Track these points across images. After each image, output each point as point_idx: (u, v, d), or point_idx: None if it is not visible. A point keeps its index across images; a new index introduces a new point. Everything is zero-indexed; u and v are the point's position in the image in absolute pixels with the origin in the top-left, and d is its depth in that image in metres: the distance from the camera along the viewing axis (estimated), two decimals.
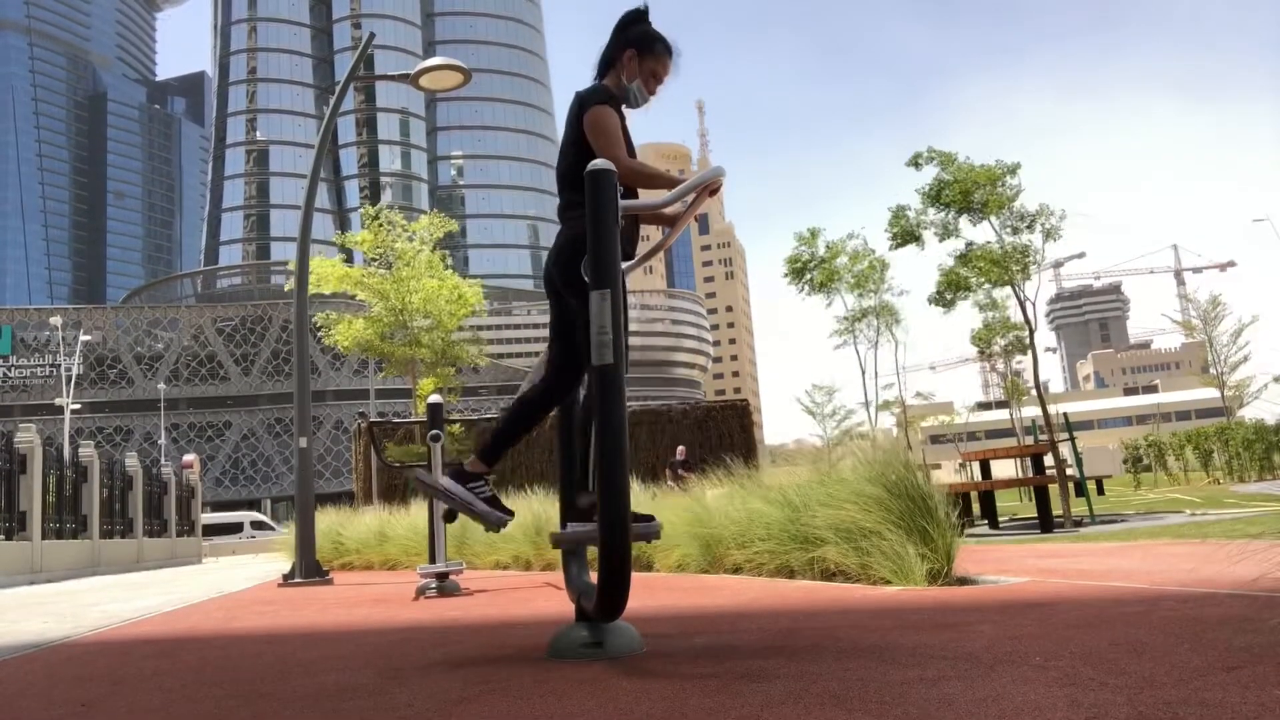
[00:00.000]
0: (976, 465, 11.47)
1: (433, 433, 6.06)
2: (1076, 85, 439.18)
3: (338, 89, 10.51)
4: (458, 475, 2.96)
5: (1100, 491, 14.50)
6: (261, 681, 2.59)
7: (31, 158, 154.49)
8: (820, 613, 3.35)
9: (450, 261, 20.03)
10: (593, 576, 2.66)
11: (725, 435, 18.56)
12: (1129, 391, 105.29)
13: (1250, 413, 36.72)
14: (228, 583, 9.58)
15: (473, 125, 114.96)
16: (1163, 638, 2.24)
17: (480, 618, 4.17)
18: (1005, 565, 4.64)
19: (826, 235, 19.06)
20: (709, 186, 2.84)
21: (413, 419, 15.14)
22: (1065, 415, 11.60)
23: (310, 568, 8.57)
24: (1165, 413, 72.99)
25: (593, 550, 2.81)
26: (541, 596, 5.08)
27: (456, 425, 16.21)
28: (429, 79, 9.99)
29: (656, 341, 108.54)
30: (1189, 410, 74.87)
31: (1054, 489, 9.50)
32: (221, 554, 33.00)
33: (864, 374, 20.27)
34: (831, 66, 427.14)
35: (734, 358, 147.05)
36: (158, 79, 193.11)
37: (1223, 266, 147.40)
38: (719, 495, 5.87)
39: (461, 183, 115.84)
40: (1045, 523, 8.59)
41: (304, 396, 9.39)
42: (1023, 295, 10.62)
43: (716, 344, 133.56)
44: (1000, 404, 63.86)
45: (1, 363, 67.43)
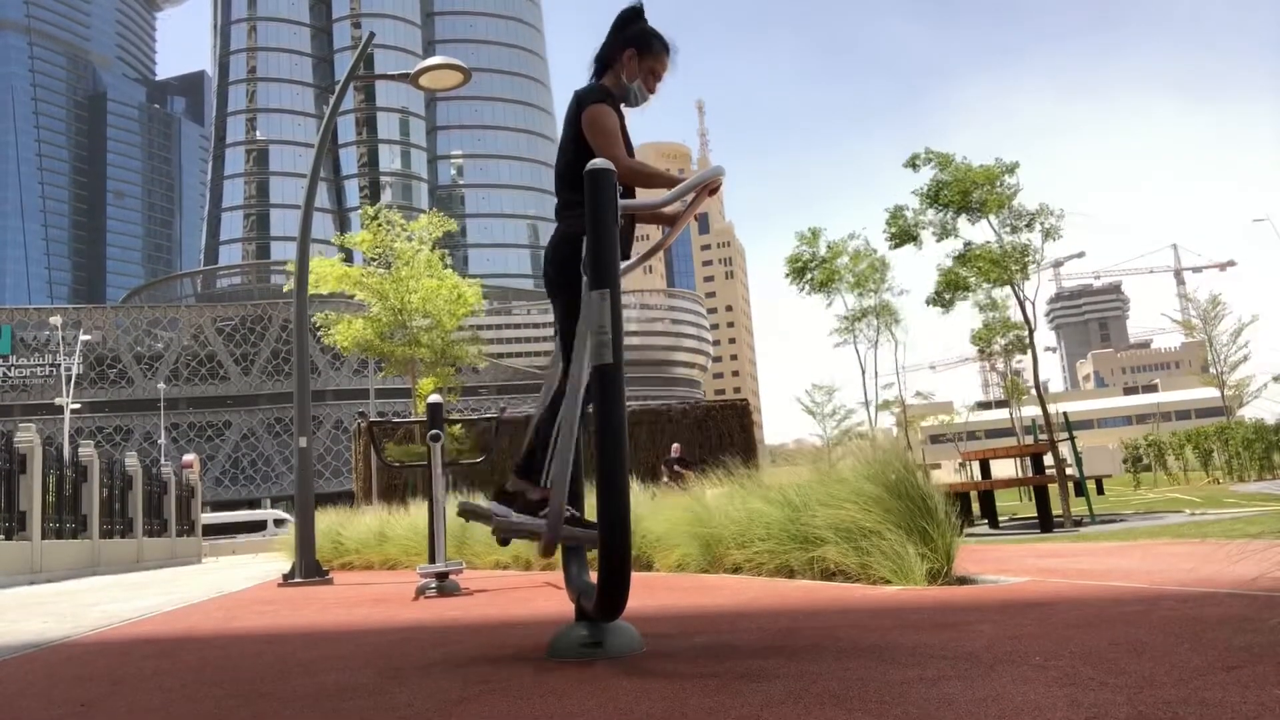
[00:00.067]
0: (976, 465, 11.47)
1: (433, 432, 6.06)
2: (1076, 85, 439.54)
3: (338, 88, 10.52)
4: (525, 505, 2.81)
5: (1100, 491, 14.53)
6: (261, 681, 2.59)
7: (31, 157, 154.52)
8: (820, 612, 3.35)
9: (450, 261, 20.00)
10: (593, 576, 2.66)
11: (725, 435, 18.57)
12: (1129, 391, 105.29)
13: (1250, 412, 36.75)
14: (227, 583, 9.58)
15: (472, 125, 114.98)
16: (1162, 637, 2.24)
17: (480, 618, 4.17)
18: (1005, 565, 4.64)
19: (827, 235, 19.06)
20: (708, 186, 2.83)
21: (413, 419, 15.14)
22: (1065, 415, 11.60)
23: (310, 567, 8.58)
24: (1165, 412, 72.98)
25: (592, 551, 2.81)
26: (541, 596, 5.08)
27: (456, 425, 16.20)
28: (429, 78, 10.00)
29: (656, 341, 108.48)
30: (1189, 410, 74.87)
31: (1054, 489, 9.50)
32: (222, 553, 33.05)
33: (864, 374, 20.24)
34: (831, 66, 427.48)
35: (734, 357, 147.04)
36: (157, 79, 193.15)
37: (1223, 266, 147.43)
38: (719, 495, 5.87)
39: (461, 182, 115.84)
40: (1045, 522, 8.59)
41: (304, 396, 9.40)
42: (1022, 295, 10.63)
43: (716, 344, 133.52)
44: (1000, 404, 63.85)
45: (1, 362, 67.47)
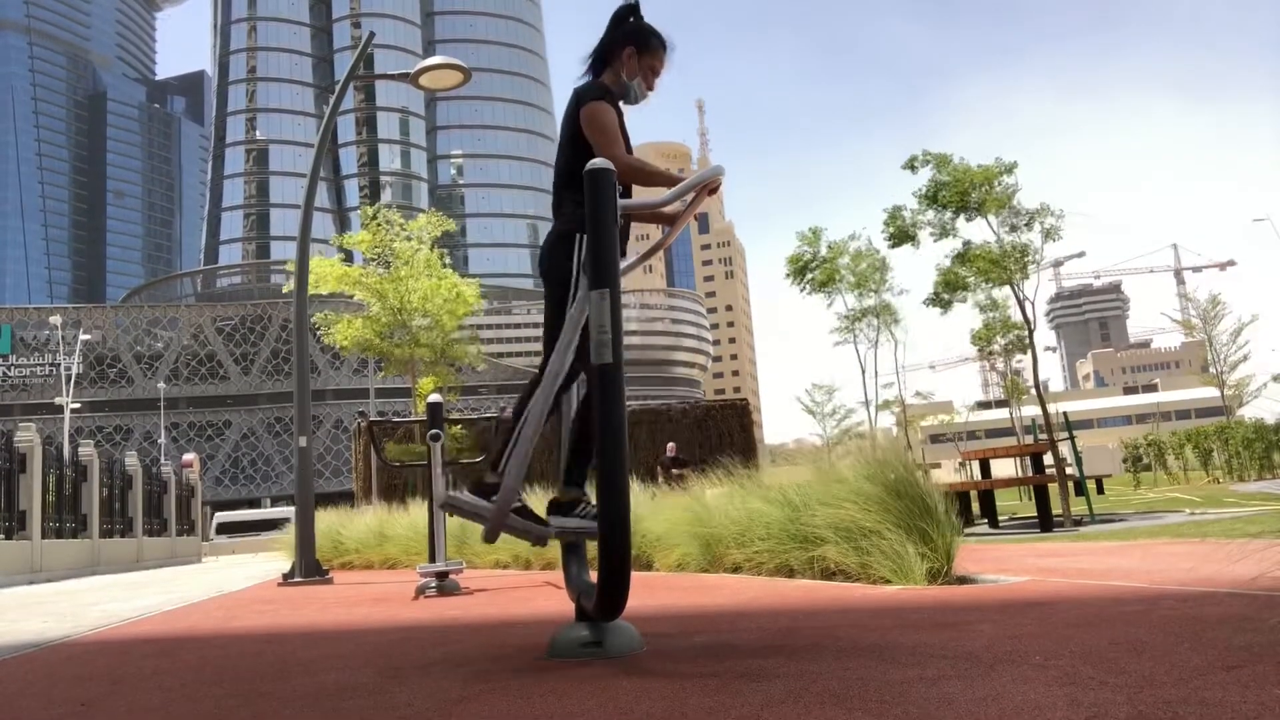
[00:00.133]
0: (976, 464, 11.46)
1: (432, 432, 6.06)
2: (1076, 85, 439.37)
3: (337, 88, 10.52)
4: (482, 490, 2.79)
5: (1100, 491, 14.53)
6: (261, 681, 2.59)
7: (31, 157, 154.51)
8: (820, 612, 3.35)
9: (449, 260, 20.01)
10: (593, 576, 2.66)
11: (725, 435, 18.56)
12: (1129, 391, 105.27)
13: (1250, 412, 36.76)
14: (227, 582, 9.58)
15: (472, 124, 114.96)
16: (1162, 637, 2.24)
17: (480, 617, 4.17)
18: (1005, 564, 4.64)
19: (828, 235, 19.06)
20: (708, 186, 2.83)
21: (413, 418, 15.14)
22: (1065, 414, 11.60)
23: (310, 567, 8.58)
24: (1165, 412, 72.96)
25: (593, 549, 2.81)
26: (541, 596, 5.08)
27: (456, 425, 16.20)
28: (429, 78, 10.00)
29: (656, 341, 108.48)
30: (1189, 409, 74.86)
31: (1054, 488, 9.50)
32: (222, 553, 33.07)
33: (864, 373, 20.24)
34: (831, 66, 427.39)
35: (734, 357, 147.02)
36: (157, 78, 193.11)
37: (1222, 266, 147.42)
38: (719, 495, 5.87)
39: (461, 182, 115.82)
40: (1045, 522, 8.58)
41: (304, 396, 9.40)
42: (1022, 294, 10.63)
43: (716, 343, 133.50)
44: (1000, 403, 63.84)
45: (1, 362, 67.48)
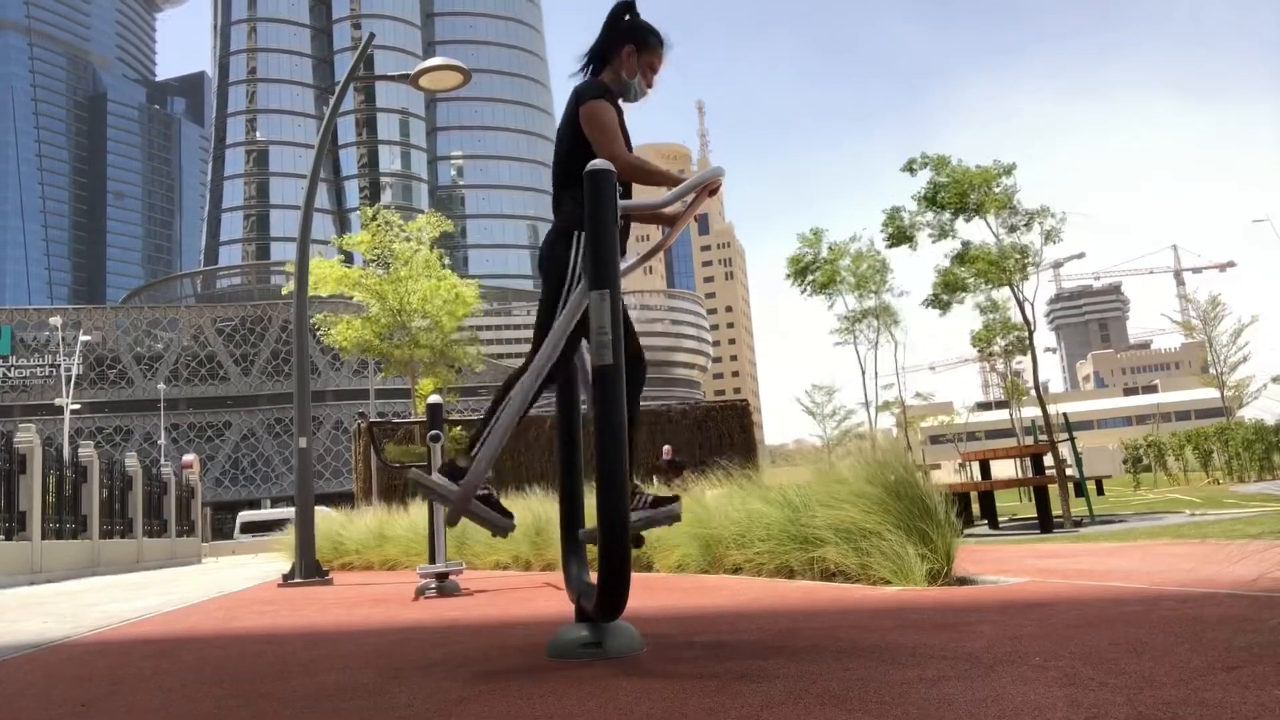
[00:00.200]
0: (976, 465, 11.46)
1: (432, 433, 6.06)
2: (1076, 85, 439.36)
3: (338, 89, 10.51)
4: (453, 473, 2.76)
5: (1100, 492, 14.50)
6: (261, 681, 2.59)
7: (31, 158, 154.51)
8: (820, 613, 3.35)
9: (448, 261, 20.02)
10: (593, 576, 2.66)
11: (725, 435, 18.57)
12: (1129, 392, 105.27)
13: (1250, 413, 36.76)
14: (227, 583, 9.58)
15: (472, 125, 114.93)
16: (1162, 638, 2.24)
17: (480, 618, 4.17)
18: (1005, 565, 4.63)
19: (829, 236, 19.08)
20: (708, 186, 2.84)
21: (413, 419, 15.15)
22: (1065, 415, 11.59)
23: (310, 568, 8.57)
24: (1165, 413, 72.94)
25: (592, 550, 2.81)
26: (541, 596, 5.08)
27: (456, 426, 16.21)
28: (429, 79, 10.00)
29: (656, 341, 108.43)
30: (1189, 410, 74.87)
31: (1054, 489, 9.49)
32: (222, 554, 33.10)
33: (864, 374, 20.27)
34: (831, 66, 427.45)
35: (734, 358, 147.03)
36: (157, 79, 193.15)
37: (1222, 267, 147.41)
38: (719, 495, 5.86)
39: (461, 183, 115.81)
40: (1045, 523, 8.58)
41: (304, 396, 9.39)
42: (1021, 296, 10.62)
43: (716, 344, 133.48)
44: (1000, 404, 63.85)
45: (1, 363, 67.45)
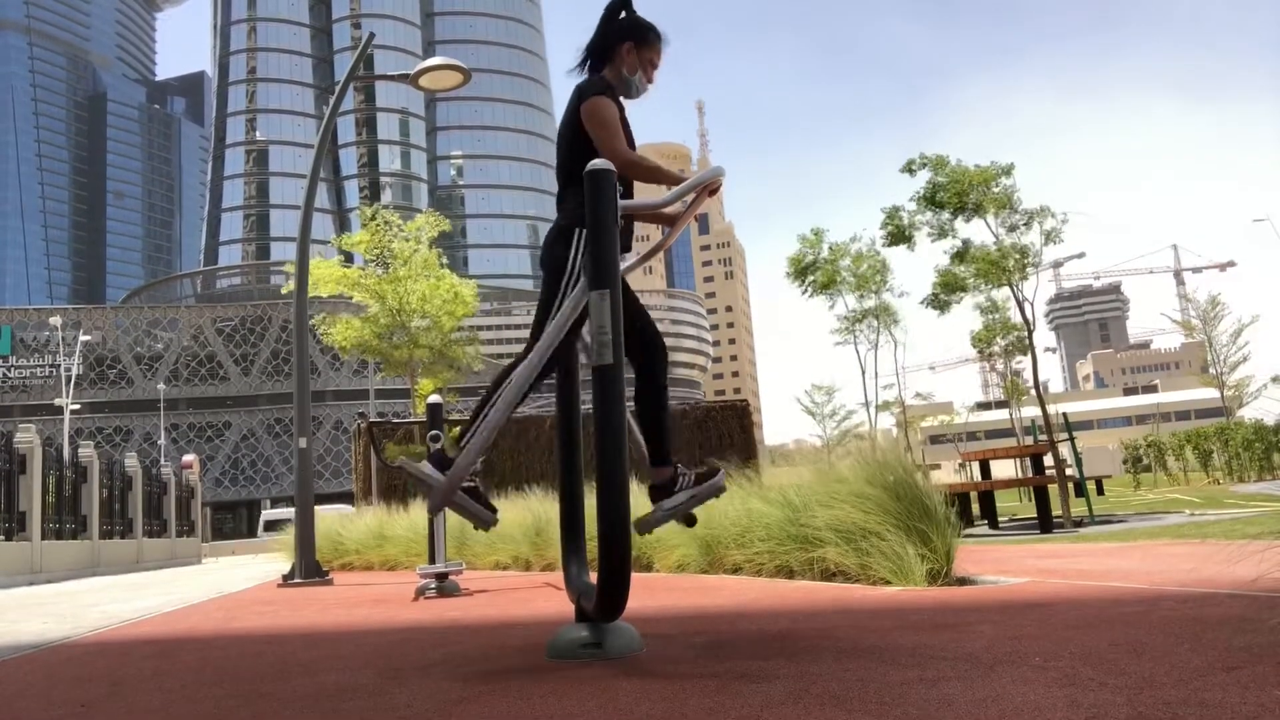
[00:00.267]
0: (976, 465, 11.46)
1: (432, 433, 6.05)
2: (1076, 85, 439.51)
3: (337, 89, 10.51)
4: (441, 463, 2.75)
5: (1100, 492, 14.50)
6: (261, 681, 2.59)
7: (31, 158, 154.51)
8: (820, 613, 3.35)
9: (445, 261, 20.02)
10: (592, 577, 2.66)
11: (725, 435, 18.54)
12: (1129, 391, 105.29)
13: (1250, 413, 36.74)
14: (227, 583, 9.58)
15: (472, 125, 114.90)
16: (1162, 638, 2.24)
17: (480, 618, 4.17)
18: (1005, 565, 4.63)
19: (830, 236, 19.05)
20: (708, 186, 2.84)
21: (412, 419, 15.15)
22: (1065, 415, 11.59)
23: (310, 568, 8.57)
24: (1165, 413, 72.92)
25: (592, 550, 2.81)
26: (541, 597, 5.08)
27: (456, 426, 16.21)
28: (429, 79, 10.00)
29: None
30: (1188, 410, 74.87)
31: (1053, 489, 9.49)
32: (221, 554, 33.12)
33: (864, 374, 20.24)
34: (831, 66, 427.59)
35: (734, 358, 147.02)
36: (157, 79, 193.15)
37: (1222, 266, 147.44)
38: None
39: (461, 183, 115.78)
40: (1045, 523, 8.58)
41: (304, 396, 9.39)
42: (1021, 296, 10.61)
43: (716, 344, 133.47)
44: (1000, 404, 63.82)
45: (1, 363, 67.43)
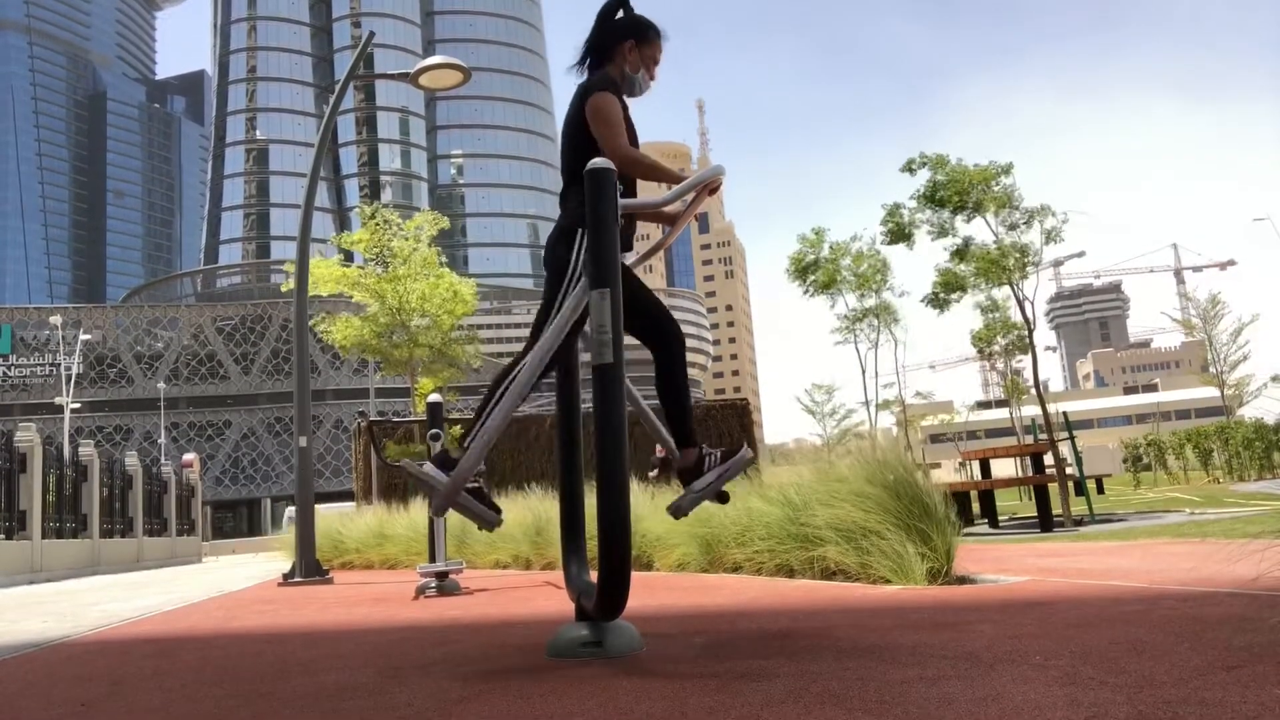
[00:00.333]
0: (976, 464, 11.46)
1: (432, 432, 6.05)
2: (1076, 85, 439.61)
3: (338, 88, 10.51)
4: (445, 464, 2.71)
5: (1100, 490, 14.52)
6: (261, 681, 2.59)
7: (31, 157, 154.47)
8: (820, 612, 3.35)
9: (444, 259, 20.00)
10: (593, 575, 2.66)
11: (725, 435, 18.54)
12: (1129, 390, 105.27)
13: (1250, 411, 36.69)
14: (228, 582, 9.58)
15: (472, 124, 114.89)
16: (1162, 637, 2.24)
17: (480, 617, 4.17)
18: (1005, 564, 4.63)
19: (831, 236, 19.01)
20: (708, 185, 2.83)
21: (412, 418, 15.14)
22: (1065, 414, 11.58)
23: (310, 567, 8.57)
24: (1165, 412, 72.91)
25: (592, 549, 2.81)
26: (541, 595, 5.08)
27: (456, 425, 16.20)
28: (429, 78, 9.99)
29: None
30: (1189, 409, 74.86)
31: (1054, 488, 9.49)
32: (222, 553, 33.17)
33: (864, 373, 20.20)
34: (831, 66, 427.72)
35: (734, 357, 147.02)
36: (157, 78, 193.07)
37: (1223, 265, 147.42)
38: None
39: (461, 181, 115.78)
40: (1045, 522, 8.58)
41: (304, 396, 9.39)
42: (1021, 294, 10.60)
43: (716, 343, 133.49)
44: (1000, 403, 63.77)
45: (1, 362, 67.43)
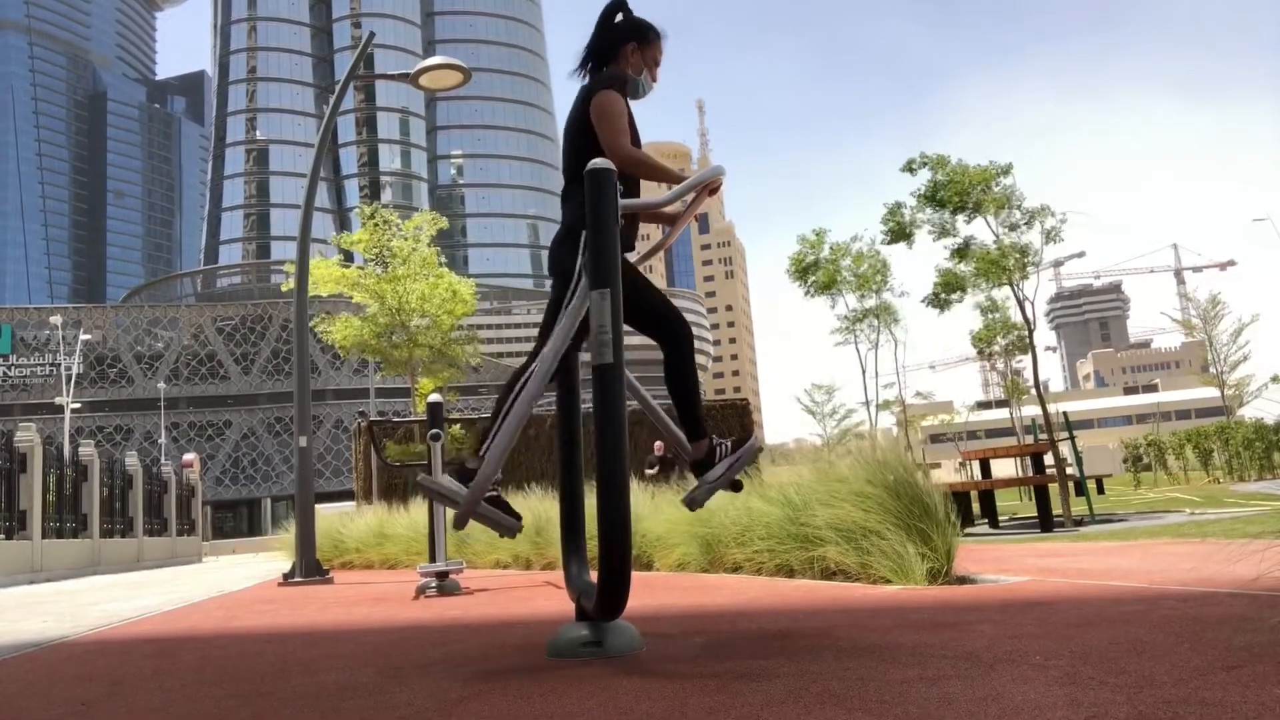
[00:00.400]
0: (976, 464, 11.45)
1: (432, 432, 6.05)
2: (1076, 85, 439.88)
3: (338, 88, 10.51)
4: (462, 475, 2.69)
5: (1100, 491, 14.52)
6: (261, 681, 2.58)
7: (31, 157, 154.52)
8: (820, 612, 3.35)
9: (444, 260, 20.02)
10: (593, 575, 2.66)
11: (725, 434, 18.48)
12: (1129, 391, 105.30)
13: (1250, 412, 36.66)
14: (228, 582, 9.58)
15: (473, 124, 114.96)
16: (1162, 637, 2.24)
17: (480, 617, 4.17)
18: (1005, 564, 4.63)
19: (831, 237, 19.01)
20: (709, 186, 2.83)
21: (412, 418, 15.14)
22: (1065, 414, 11.58)
23: (310, 567, 8.57)
24: (1165, 412, 72.91)
25: (592, 549, 2.81)
26: (541, 595, 5.08)
27: (456, 425, 16.21)
28: (429, 78, 9.99)
29: None
30: (1189, 409, 74.87)
31: (1054, 488, 9.49)
32: (222, 553, 33.17)
33: (864, 373, 20.20)
34: (831, 66, 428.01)
35: (734, 357, 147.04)
36: (158, 78, 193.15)
37: (1223, 266, 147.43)
38: (719, 494, 5.86)
39: (461, 182, 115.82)
40: (1045, 522, 8.57)
41: (304, 396, 9.39)
42: (1021, 295, 10.60)
43: (716, 343, 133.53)
44: (1000, 403, 63.80)
45: (1, 362, 67.46)
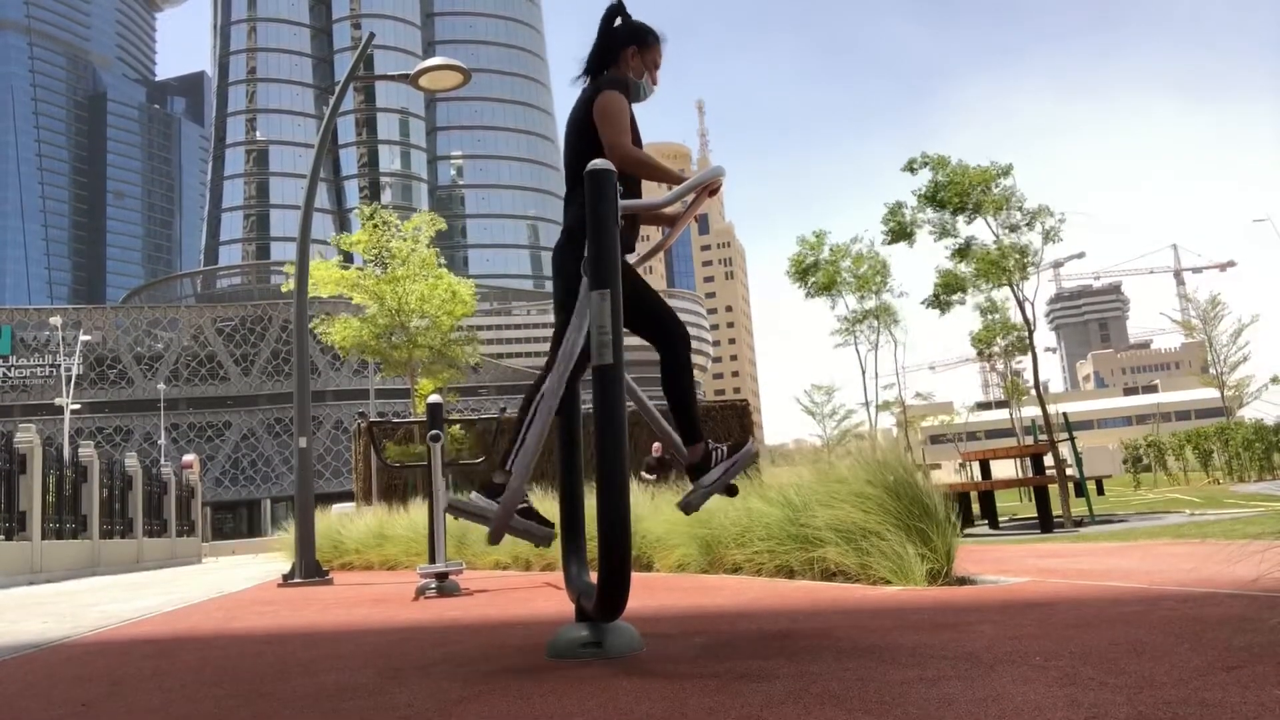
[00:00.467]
0: (976, 465, 11.46)
1: (432, 433, 6.05)
2: (1076, 85, 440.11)
3: (337, 89, 10.51)
4: (490, 491, 2.69)
5: (1100, 491, 14.49)
6: (261, 681, 2.59)
7: (31, 158, 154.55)
8: (820, 612, 3.35)
9: (444, 260, 20.05)
10: (593, 576, 2.66)
11: (725, 435, 18.51)
12: (1129, 391, 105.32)
13: (1250, 413, 36.66)
14: (228, 583, 9.58)
15: (472, 125, 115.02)
16: (1162, 637, 2.24)
17: (480, 618, 4.17)
18: (1005, 565, 4.63)
19: (831, 238, 19.02)
20: (709, 186, 2.83)
21: (412, 419, 15.14)
22: (1065, 415, 11.58)
23: (310, 568, 8.57)
24: (1165, 413, 72.86)
25: (592, 550, 2.81)
26: (541, 596, 5.08)
27: (456, 425, 16.20)
28: (428, 79, 10.00)
29: None
30: (1189, 410, 74.87)
31: (1054, 489, 9.49)
32: (221, 554, 33.18)
33: (864, 374, 20.21)
34: (831, 66, 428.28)
35: (734, 358, 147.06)
36: (157, 79, 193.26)
37: (1223, 266, 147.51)
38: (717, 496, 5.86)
39: (461, 183, 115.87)
40: (1045, 523, 8.58)
41: (304, 396, 9.39)
42: (1021, 296, 10.60)
43: (716, 344, 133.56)
44: (1000, 404, 63.83)
45: (1, 363, 67.47)
